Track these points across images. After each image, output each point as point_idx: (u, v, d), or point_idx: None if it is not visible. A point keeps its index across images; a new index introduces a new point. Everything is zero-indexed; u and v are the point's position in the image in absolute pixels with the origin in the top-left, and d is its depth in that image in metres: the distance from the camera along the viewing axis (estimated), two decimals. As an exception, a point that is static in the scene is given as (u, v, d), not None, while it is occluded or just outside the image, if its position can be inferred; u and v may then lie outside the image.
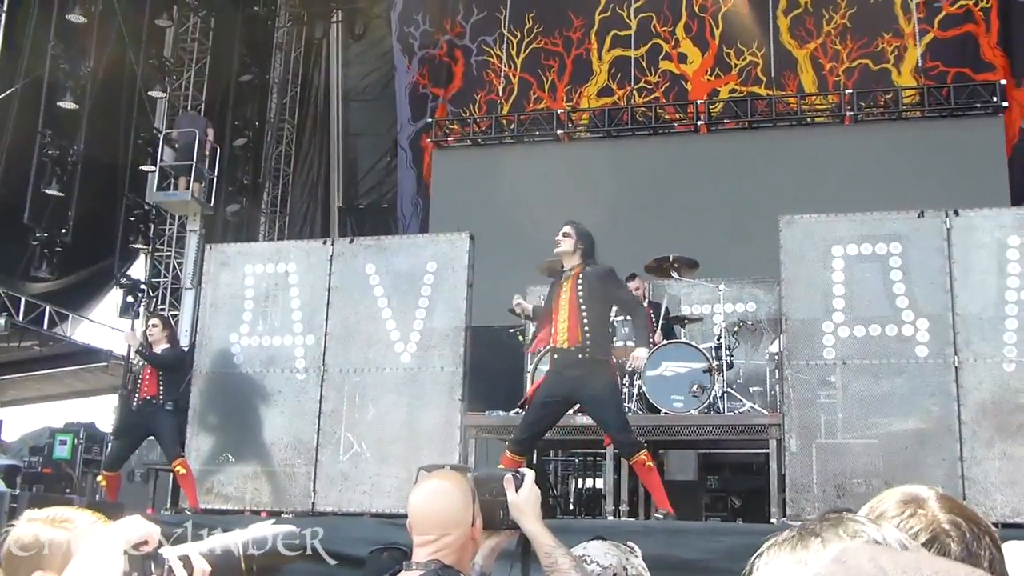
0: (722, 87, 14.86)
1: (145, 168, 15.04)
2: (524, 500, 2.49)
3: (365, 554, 3.73)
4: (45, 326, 14.61)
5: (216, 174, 15.33)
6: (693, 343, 8.42)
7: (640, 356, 6.81)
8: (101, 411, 15.40)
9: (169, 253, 15.93)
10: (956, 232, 7.04)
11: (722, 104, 14.45)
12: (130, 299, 15.22)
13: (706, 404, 7.85)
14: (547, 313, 6.84)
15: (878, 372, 6.96)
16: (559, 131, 14.40)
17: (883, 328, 7.00)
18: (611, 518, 7.42)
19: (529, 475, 2.53)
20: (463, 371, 7.65)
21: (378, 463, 7.69)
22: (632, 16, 15.23)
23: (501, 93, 15.71)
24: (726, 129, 14.17)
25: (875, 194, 10.96)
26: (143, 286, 15.50)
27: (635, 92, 15.05)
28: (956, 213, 7.10)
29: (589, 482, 10.68)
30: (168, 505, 8.90)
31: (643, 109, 14.47)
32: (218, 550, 1.66)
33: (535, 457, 8.92)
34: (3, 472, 11.70)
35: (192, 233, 15.13)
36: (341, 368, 7.98)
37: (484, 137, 14.81)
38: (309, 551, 4.91)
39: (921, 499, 1.27)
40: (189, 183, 14.53)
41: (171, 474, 8.44)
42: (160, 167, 14.83)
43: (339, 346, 8.02)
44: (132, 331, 10.43)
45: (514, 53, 15.86)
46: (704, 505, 9.56)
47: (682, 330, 9.18)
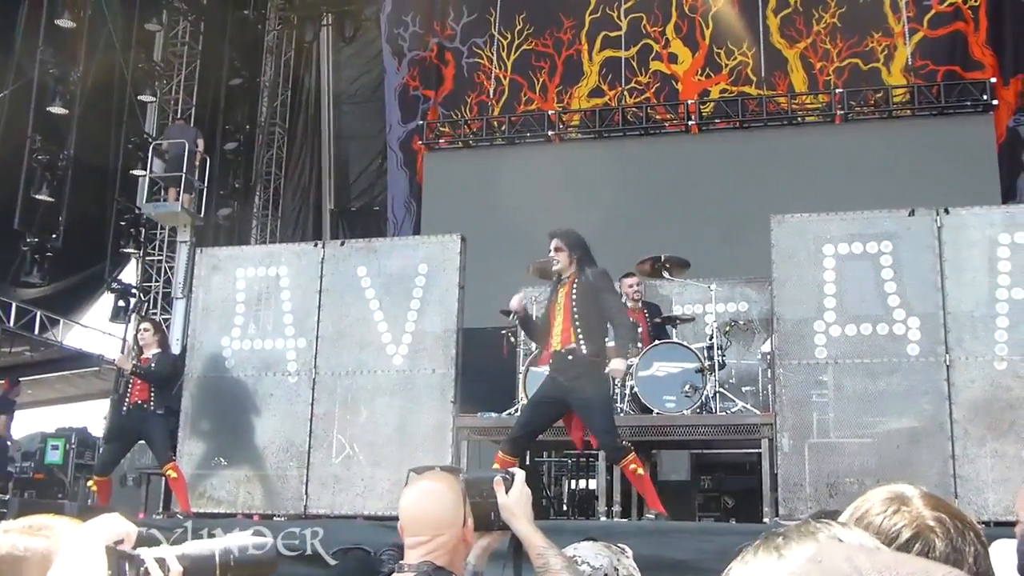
0: (713, 87, 14.87)
1: (136, 172, 15.00)
2: (515, 501, 2.47)
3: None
4: (36, 331, 14.55)
5: (206, 184, 15.18)
6: (685, 343, 8.41)
7: (618, 369, 6.63)
8: (93, 416, 15.34)
9: (160, 257, 15.84)
10: (947, 230, 7.05)
11: (713, 104, 14.48)
12: (121, 303, 15.19)
13: (698, 404, 7.84)
14: (546, 322, 6.80)
15: (870, 371, 6.96)
16: (550, 132, 14.42)
17: (875, 327, 7.01)
18: (604, 519, 7.41)
19: (519, 476, 2.51)
20: (455, 373, 7.65)
21: (370, 465, 7.68)
22: (622, 17, 15.23)
23: (492, 95, 15.70)
24: (717, 129, 14.21)
25: (866, 193, 10.96)
26: (134, 290, 15.47)
27: (626, 93, 15.05)
28: (947, 211, 7.11)
29: (582, 483, 10.67)
30: (160, 509, 8.88)
31: (634, 109, 14.49)
32: (194, 555, 1.64)
33: (528, 458, 8.91)
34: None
35: (183, 244, 15.00)
36: (333, 371, 7.97)
37: (475, 139, 14.82)
38: (309, 551, 4.92)
39: (906, 497, 1.28)
40: (179, 194, 14.38)
41: (163, 478, 8.41)
42: (150, 178, 14.74)
43: (331, 349, 8.01)
44: (123, 355, 10.35)
45: (505, 55, 15.85)
46: (698, 505, 9.55)
47: (674, 330, 9.17)
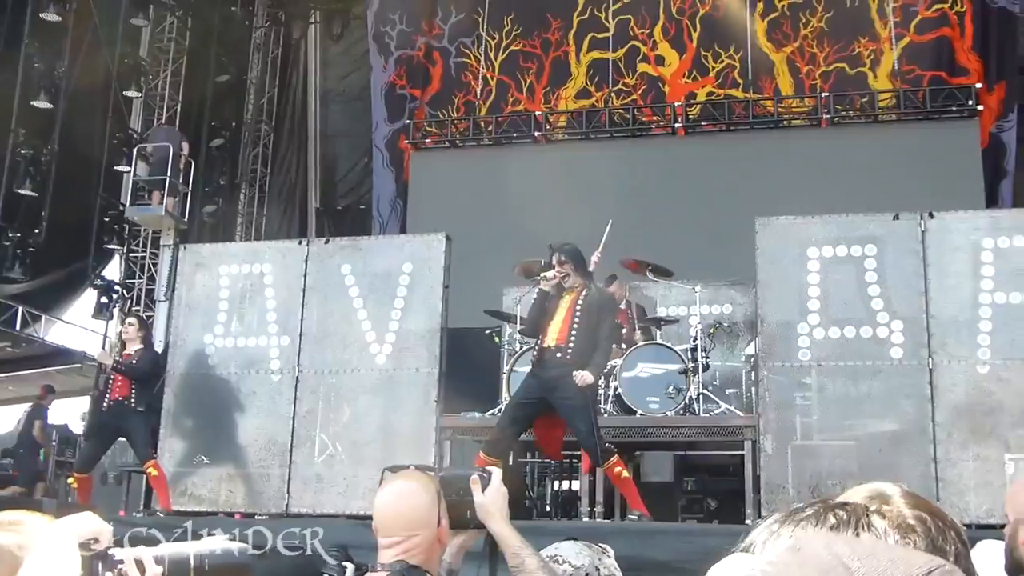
0: (699, 90, 14.89)
1: (120, 169, 14.89)
2: (491, 500, 2.45)
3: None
4: (18, 327, 14.46)
5: (191, 186, 14.95)
6: (669, 344, 8.41)
7: (586, 378, 6.52)
8: (74, 413, 15.23)
9: (144, 254, 15.71)
10: (931, 234, 7.07)
11: (699, 107, 14.51)
12: (104, 300, 15.09)
13: (682, 406, 7.84)
14: (541, 318, 6.76)
15: (853, 374, 6.97)
16: (537, 133, 14.42)
17: (858, 330, 7.02)
18: (587, 519, 7.39)
19: (496, 475, 2.49)
20: (439, 372, 7.63)
21: (353, 464, 7.64)
22: (610, 18, 15.24)
23: (479, 95, 15.68)
24: (703, 131, 14.23)
25: (851, 196, 11.00)
26: (117, 287, 15.36)
27: (613, 94, 15.06)
28: (931, 215, 7.13)
29: (565, 484, 10.65)
30: (141, 507, 8.81)
31: (621, 111, 14.50)
32: (170, 557, 1.62)
33: (511, 459, 8.88)
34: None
35: (165, 248, 14.79)
36: (316, 369, 7.93)
37: (462, 139, 14.80)
38: (309, 551, 4.88)
39: (886, 495, 1.26)
40: (163, 197, 14.12)
41: (144, 476, 8.36)
42: (134, 181, 14.57)
43: (314, 347, 7.97)
44: (104, 350, 10.29)
45: (492, 55, 15.83)
46: (681, 507, 9.54)
47: (658, 331, 9.16)
